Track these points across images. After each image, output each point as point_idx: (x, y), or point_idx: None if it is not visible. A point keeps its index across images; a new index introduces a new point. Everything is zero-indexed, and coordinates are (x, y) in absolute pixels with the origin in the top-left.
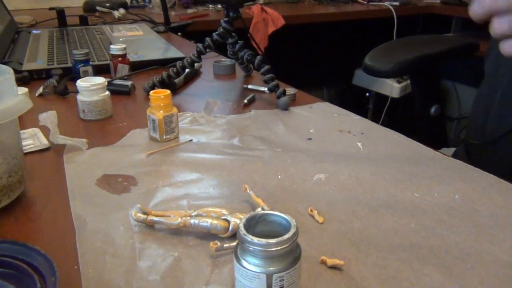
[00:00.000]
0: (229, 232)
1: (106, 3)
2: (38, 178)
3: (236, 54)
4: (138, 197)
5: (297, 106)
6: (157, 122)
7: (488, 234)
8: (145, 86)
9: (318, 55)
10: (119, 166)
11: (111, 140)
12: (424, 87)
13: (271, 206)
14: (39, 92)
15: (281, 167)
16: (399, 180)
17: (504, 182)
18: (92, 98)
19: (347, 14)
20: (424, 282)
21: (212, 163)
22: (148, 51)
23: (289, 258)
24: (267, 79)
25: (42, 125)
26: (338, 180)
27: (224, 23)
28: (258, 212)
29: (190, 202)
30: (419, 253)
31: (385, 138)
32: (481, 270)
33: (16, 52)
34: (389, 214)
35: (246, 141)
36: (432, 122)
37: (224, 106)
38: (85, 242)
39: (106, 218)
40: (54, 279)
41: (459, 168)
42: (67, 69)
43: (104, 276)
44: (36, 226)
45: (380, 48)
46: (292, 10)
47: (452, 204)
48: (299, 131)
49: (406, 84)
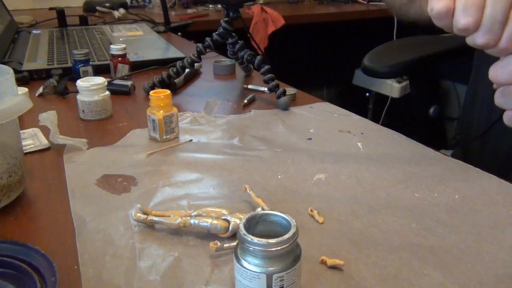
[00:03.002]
0: (229, 232)
1: (106, 3)
2: (38, 178)
3: (236, 54)
4: (138, 197)
5: (297, 106)
6: (157, 122)
7: (488, 234)
8: (145, 86)
9: (318, 55)
10: (119, 166)
11: (111, 140)
12: (423, 88)
13: (271, 206)
14: (39, 92)
15: (281, 167)
16: (399, 180)
17: (504, 182)
18: (92, 98)
19: (347, 14)
20: (424, 282)
21: (212, 163)
22: (148, 51)
23: (289, 258)
24: (267, 79)
25: (42, 125)
26: (338, 180)
27: (224, 23)
28: (258, 212)
29: (190, 202)
30: (419, 253)
31: (385, 138)
32: (481, 270)
33: (16, 52)
34: (389, 214)
35: (246, 141)
36: (432, 122)
37: (224, 106)
38: (85, 242)
39: (106, 218)
40: (54, 279)
41: (459, 168)
42: (67, 69)
43: (104, 276)
44: (36, 226)
45: (378, 49)
46: (292, 10)
47: (452, 204)
48: (299, 131)
49: (406, 84)
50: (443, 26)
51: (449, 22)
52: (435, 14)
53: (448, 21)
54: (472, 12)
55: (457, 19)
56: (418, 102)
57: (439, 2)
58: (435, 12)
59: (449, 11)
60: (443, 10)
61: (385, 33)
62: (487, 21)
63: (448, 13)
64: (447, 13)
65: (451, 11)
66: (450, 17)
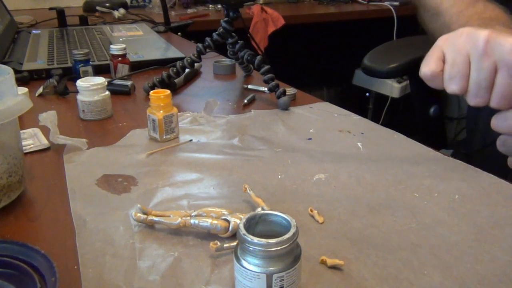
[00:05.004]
0: (229, 232)
1: (106, 3)
2: (38, 178)
3: (236, 54)
4: (138, 197)
5: (297, 106)
6: (157, 122)
7: (488, 234)
8: (145, 86)
9: (318, 55)
10: (119, 166)
11: (111, 140)
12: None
13: (271, 206)
14: (39, 92)
15: (281, 167)
16: (399, 180)
17: (504, 182)
18: (92, 98)
19: (347, 14)
20: (424, 282)
21: (212, 163)
22: (148, 51)
23: (289, 258)
24: (267, 79)
25: (42, 125)
26: (338, 180)
27: (224, 23)
28: (258, 212)
29: (190, 202)
30: (419, 253)
31: (385, 138)
32: (481, 270)
33: (16, 52)
34: (389, 214)
35: (246, 141)
36: (432, 122)
37: (224, 106)
38: (85, 242)
39: (106, 218)
40: (54, 279)
41: (459, 168)
42: (67, 69)
43: (104, 276)
44: (36, 226)
45: (378, 49)
46: (292, 10)
47: (452, 204)
48: (299, 131)
49: (406, 84)
50: (434, 87)
51: (437, 84)
52: (423, 76)
53: (436, 83)
54: (457, 81)
55: (445, 85)
56: (418, 102)
57: (426, 66)
58: (422, 74)
59: (434, 75)
60: (428, 74)
61: (385, 33)
62: (473, 88)
63: (433, 76)
64: (432, 76)
65: (438, 75)
66: (437, 80)
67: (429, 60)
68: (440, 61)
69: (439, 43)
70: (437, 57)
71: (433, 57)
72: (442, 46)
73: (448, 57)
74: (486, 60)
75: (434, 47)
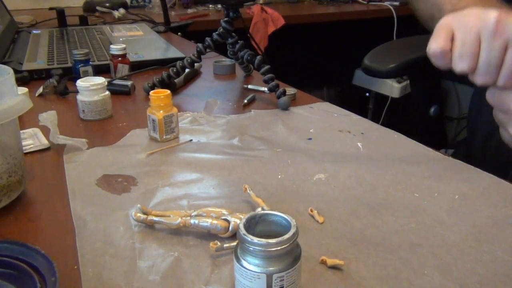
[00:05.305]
0: (229, 232)
1: (106, 3)
2: (38, 178)
3: (236, 54)
4: (138, 197)
5: (297, 106)
6: (157, 122)
7: (488, 234)
8: (145, 86)
9: (318, 55)
10: (119, 166)
11: (111, 140)
12: (423, 88)
13: (271, 206)
14: (39, 92)
15: (281, 167)
16: (399, 180)
17: (504, 182)
18: (92, 98)
19: (347, 14)
20: (424, 282)
21: (212, 163)
22: (148, 51)
23: (289, 258)
24: (267, 79)
25: (42, 125)
26: (338, 180)
27: (224, 23)
28: (258, 212)
29: (190, 202)
30: (419, 253)
31: (385, 138)
32: (481, 270)
33: (16, 52)
34: (389, 214)
35: (246, 141)
36: (432, 122)
37: (224, 106)
38: (85, 242)
39: (106, 218)
40: (54, 279)
41: (459, 168)
42: (67, 69)
43: (104, 276)
44: (36, 226)
45: (379, 49)
46: (292, 10)
47: (452, 204)
48: (299, 131)
49: (406, 84)
50: (440, 66)
51: (445, 62)
52: (431, 54)
53: (444, 62)
54: (467, 59)
55: (454, 64)
56: (418, 102)
57: (436, 43)
58: (431, 51)
59: (444, 52)
60: (437, 51)
61: (385, 33)
62: (482, 66)
63: (443, 54)
64: (441, 54)
65: (447, 53)
66: (445, 58)
67: (438, 38)
68: (449, 40)
69: (446, 22)
70: (446, 35)
71: (441, 36)
72: (451, 25)
73: (458, 36)
74: (498, 39)
75: (441, 26)
